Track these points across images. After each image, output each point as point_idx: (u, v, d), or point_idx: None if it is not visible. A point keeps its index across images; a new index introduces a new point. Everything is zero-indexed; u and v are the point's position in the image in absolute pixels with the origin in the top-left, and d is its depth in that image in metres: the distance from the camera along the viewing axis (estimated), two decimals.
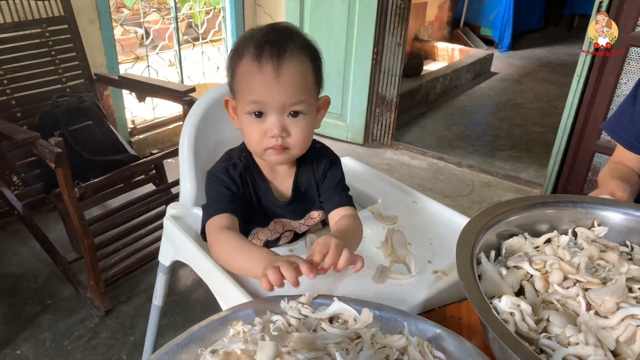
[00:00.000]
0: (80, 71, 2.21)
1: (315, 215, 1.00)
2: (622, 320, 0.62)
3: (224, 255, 0.83)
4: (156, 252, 1.20)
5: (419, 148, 3.26)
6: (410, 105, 3.86)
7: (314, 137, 0.94)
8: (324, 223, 1.03)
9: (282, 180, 0.96)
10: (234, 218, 0.87)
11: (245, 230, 0.95)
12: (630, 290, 0.66)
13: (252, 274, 0.79)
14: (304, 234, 1.01)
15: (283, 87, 0.82)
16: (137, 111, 3.06)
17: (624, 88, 2.10)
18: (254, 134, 0.86)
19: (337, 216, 0.92)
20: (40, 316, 1.82)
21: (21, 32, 2.04)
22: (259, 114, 0.84)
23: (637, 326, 0.61)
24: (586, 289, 0.67)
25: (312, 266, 0.69)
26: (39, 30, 2.09)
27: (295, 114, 0.85)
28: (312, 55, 0.86)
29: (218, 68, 3.52)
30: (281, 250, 0.93)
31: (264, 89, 0.82)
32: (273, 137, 0.85)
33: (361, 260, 0.73)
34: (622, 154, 1.19)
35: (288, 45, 0.82)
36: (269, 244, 1.00)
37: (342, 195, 0.96)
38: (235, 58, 0.85)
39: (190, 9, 3.71)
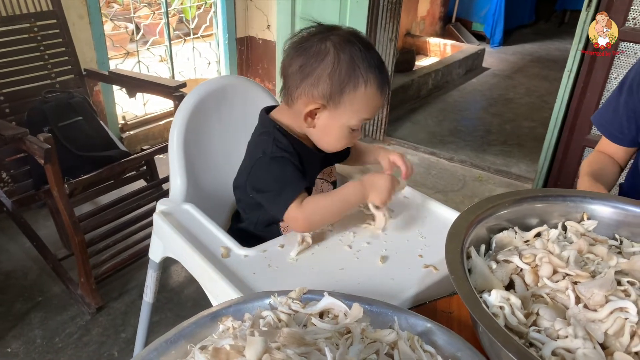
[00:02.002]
0: (69, 67, 2.19)
1: (328, 171, 1.12)
2: (611, 313, 0.62)
3: (324, 212, 0.96)
4: (147, 249, 1.20)
5: (410, 143, 3.27)
6: (402, 100, 3.86)
7: None
8: None
9: (310, 141, 1.05)
10: (306, 193, 0.98)
11: None
12: (619, 283, 0.67)
13: (357, 204, 0.99)
14: None
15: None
16: (127, 107, 3.04)
17: (614, 83, 2.11)
18: (343, 140, 1.01)
19: (357, 145, 1.18)
20: (31, 313, 1.81)
21: (9, 27, 2.01)
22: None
23: (626, 319, 0.61)
24: (575, 283, 0.67)
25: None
26: (28, 25, 2.06)
27: None
28: None
29: (209, 63, 3.50)
30: (271, 244, 0.93)
31: (376, 111, 1.01)
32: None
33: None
34: (606, 145, 1.22)
35: None
36: None
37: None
38: (352, 77, 0.93)
39: (181, 4, 3.68)
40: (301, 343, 0.55)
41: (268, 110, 1.06)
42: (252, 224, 1.09)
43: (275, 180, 0.97)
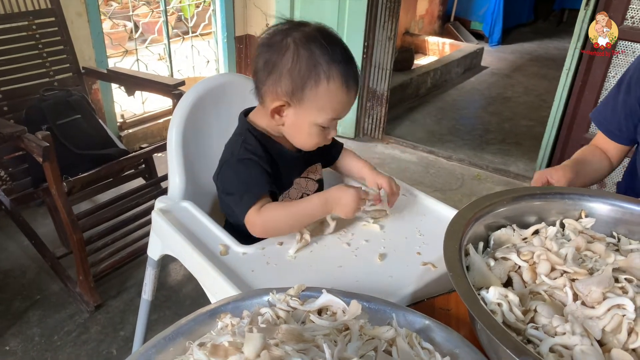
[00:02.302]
0: (68, 65, 2.18)
1: (313, 169, 1.11)
2: (608, 310, 0.62)
3: (282, 221, 0.93)
4: (146, 247, 1.20)
5: (409, 142, 3.27)
6: (401, 99, 3.86)
7: None
8: None
9: (288, 142, 1.04)
10: (270, 198, 0.96)
11: None
12: (617, 280, 0.67)
13: (319, 217, 0.94)
14: None
15: (352, 104, 0.98)
16: (126, 105, 3.03)
17: (612, 81, 2.12)
18: (315, 139, 0.98)
19: (348, 157, 1.15)
20: (29, 312, 1.81)
21: (7, 25, 2.00)
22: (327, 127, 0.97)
23: (623, 316, 0.62)
24: (573, 280, 0.67)
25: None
26: (26, 23, 2.05)
27: None
28: None
29: (208, 62, 3.50)
30: (270, 241, 0.93)
31: (345, 109, 0.97)
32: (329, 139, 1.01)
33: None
34: (601, 140, 1.23)
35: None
36: None
37: (335, 143, 1.15)
38: (312, 72, 0.91)
39: (180, 2, 3.68)
40: (300, 340, 0.55)
41: (248, 111, 1.06)
42: (238, 224, 1.07)
43: (240, 183, 0.97)
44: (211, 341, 0.57)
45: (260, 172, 0.96)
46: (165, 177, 2.11)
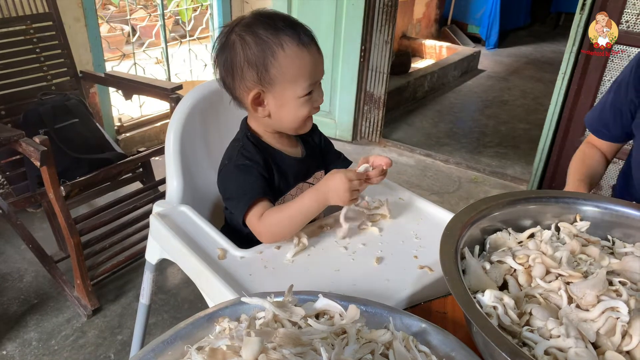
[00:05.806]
0: (65, 69, 2.19)
1: (319, 175, 1.10)
2: (603, 312, 0.63)
3: (283, 225, 0.92)
4: (144, 251, 1.20)
5: (406, 145, 3.28)
6: (398, 102, 3.87)
7: None
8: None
9: (289, 147, 1.06)
10: (268, 202, 0.95)
11: None
12: (611, 283, 0.68)
13: (318, 212, 0.93)
14: None
15: (322, 62, 0.96)
16: (123, 109, 3.04)
17: (608, 85, 2.13)
18: (304, 111, 0.96)
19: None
20: (26, 316, 1.81)
21: (5, 29, 2.01)
22: (310, 93, 0.94)
23: (617, 319, 0.62)
24: (568, 283, 0.68)
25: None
26: (24, 27, 2.06)
27: None
28: None
29: (205, 65, 3.50)
30: (267, 245, 0.93)
31: (315, 69, 0.94)
32: (318, 106, 0.98)
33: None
34: (594, 138, 1.27)
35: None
36: None
37: (343, 160, 1.14)
38: (265, 49, 0.90)
39: (177, 6, 3.68)
40: (297, 343, 0.56)
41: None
42: (237, 228, 1.08)
43: (237, 188, 0.97)
44: (209, 345, 0.57)
45: (255, 177, 0.96)
46: (162, 181, 2.12)
